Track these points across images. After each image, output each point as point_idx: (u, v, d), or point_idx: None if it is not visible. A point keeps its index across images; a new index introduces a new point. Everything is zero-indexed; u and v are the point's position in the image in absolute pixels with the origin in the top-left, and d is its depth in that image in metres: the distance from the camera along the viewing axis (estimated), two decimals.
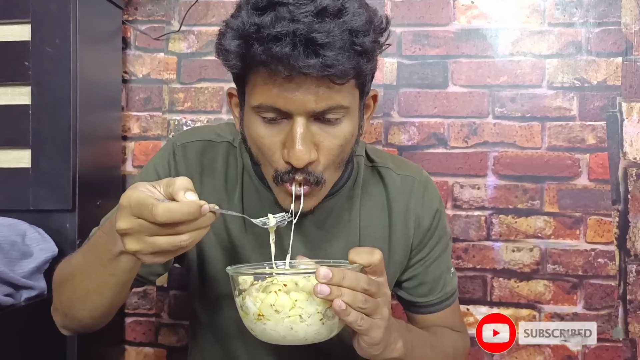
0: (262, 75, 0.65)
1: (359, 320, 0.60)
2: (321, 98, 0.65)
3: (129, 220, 0.56)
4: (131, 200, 0.55)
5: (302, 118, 0.66)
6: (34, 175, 1.11)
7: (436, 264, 0.88)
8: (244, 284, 0.63)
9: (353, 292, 0.59)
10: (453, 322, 0.91)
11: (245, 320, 0.63)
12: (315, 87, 0.64)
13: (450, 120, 1.30)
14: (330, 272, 0.58)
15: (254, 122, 0.69)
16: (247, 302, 0.61)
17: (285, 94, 0.64)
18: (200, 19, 1.35)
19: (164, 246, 0.56)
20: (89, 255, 0.69)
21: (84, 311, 0.73)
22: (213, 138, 0.85)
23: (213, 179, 0.83)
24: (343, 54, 0.62)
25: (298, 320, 0.59)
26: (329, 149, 0.69)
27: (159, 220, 0.54)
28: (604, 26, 1.25)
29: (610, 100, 1.25)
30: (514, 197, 1.27)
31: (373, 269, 0.63)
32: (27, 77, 1.11)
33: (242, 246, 0.83)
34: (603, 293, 1.25)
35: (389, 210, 0.86)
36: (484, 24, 1.29)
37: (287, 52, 0.60)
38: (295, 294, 0.60)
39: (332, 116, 0.67)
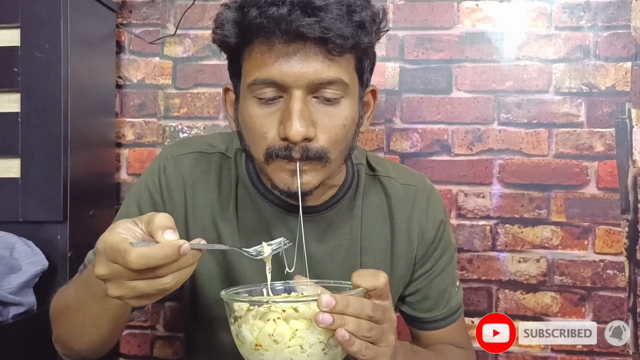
0: (258, 47, 0.64)
1: (364, 349, 0.56)
2: (320, 69, 0.63)
3: (105, 265, 0.52)
4: (106, 245, 0.52)
5: (299, 92, 0.64)
6: (24, 185, 1.07)
7: (441, 277, 0.85)
8: (239, 310, 0.59)
9: (357, 320, 0.55)
10: (459, 339, 0.87)
11: (242, 349, 0.59)
12: (313, 55, 0.63)
13: (455, 127, 1.26)
14: (333, 299, 0.54)
15: (249, 104, 0.67)
16: (243, 331, 0.57)
17: (282, 63, 0.63)
18: (197, 22, 1.31)
19: (145, 290, 0.52)
20: (82, 290, 0.67)
21: (82, 344, 0.72)
22: (205, 149, 0.82)
23: (206, 191, 0.79)
24: (341, 19, 0.62)
25: (299, 351, 0.55)
26: (329, 127, 0.66)
27: (132, 268, 0.50)
28: (613, 30, 1.22)
29: (619, 106, 1.21)
30: (520, 206, 1.24)
31: (378, 292, 0.59)
32: (16, 83, 1.07)
33: (237, 261, 0.79)
34: (612, 305, 1.21)
35: (391, 222, 0.82)
36: (489, 28, 1.25)
37: (284, 14, 0.60)
38: (295, 323, 0.56)
39: (331, 92, 0.66)
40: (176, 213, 0.78)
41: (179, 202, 0.79)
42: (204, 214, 0.79)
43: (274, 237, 0.78)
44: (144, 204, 0.79)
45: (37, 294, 1.03)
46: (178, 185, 0.79)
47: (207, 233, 0.79)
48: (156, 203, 0.79)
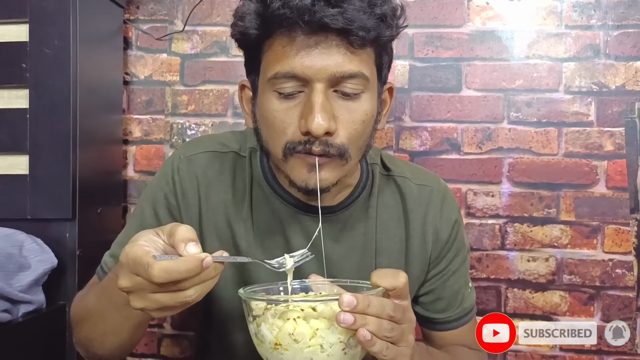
0: (279, 40, 0.64)
1: (385, 349, 0.55)
2: (341, 62, 0.63)
3: (128, 278, 0.53)
4: (129, 258, 0.52)
5: (321, 84, 0.64)
6: (32, 183, 1.06)
7: (454, 278, 0.85)
8: (257, 309, 0.58)
9: (378, 320, 0.55)
10: (471, 340, 0.87)
11: (260, 349, 0.58)
12: (335, 47, 0.63)
13: (464, 125, 1.25)
14: (354, 299, 0.53)
15: (269, 98, 0.67)
16: (262, 330, 0.57)
17: (304, 56, 0.63)
18: (205, 19, 1.30)
19: (167, 303, 0.52)
20: (103, 298, 0.67)
21: (103, 350, 0.72)
22: (219, 149, 0.81)
23: (220, 192, 0.79)
24: (364, 11, 0.62)
25: (319, 351, 0.55)
26: (349, 123, 0.66)
27: (155, 281, 0.50)
28: (623, 29, 1.21)
29: (629, 105, 1.21)
30: (530, 205, 1.24)
31: (397, 292, 0.58)
32: (24, 79, 1.06)
33: (251, 255, 0.78)
34: (621, 304, 1.21)
35: (406, 222, 0.82)
36: (499, 26, 1.25)
37: (308, 4, 0.60)
38: (315, 322, 0.55)
39: (352, 86, 0.65)
40: (190, 213, 0.78)
41: (193, 203, 0.78)
42: (218, 215, 0.78)
43: (289, 238, 0.78)
44: (159, 206, 0.79)
45: (46, 291, 1.02)
46: (192, 186, 0.78)
47: (221, 233, 0.78)
48: (170, 204, 0.78)
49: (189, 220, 0.78)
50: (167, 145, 1.32)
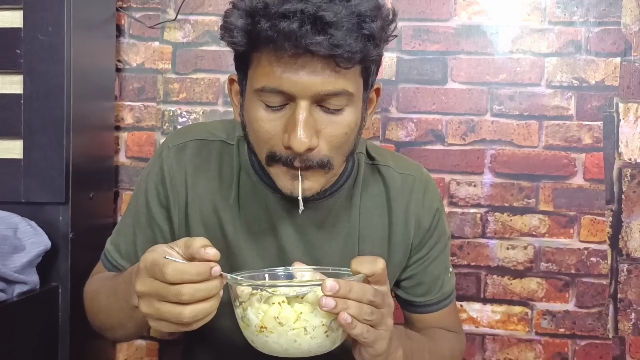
0: (266, 55, 0.64)
1: (365, 332, 0.59)
2: (327, 81, 0.64)
3: (144, 281, 0.57)
4: (147, 262, 0.57)
5: (305, 102, 0.65)
6: (26, 167, 1.08)
7: (435, 264, 0.88)
8: (242, 295, 0.60)
9: (359, 305, 0.58)
10: (450, 323, 0.91)
11: (246, 332, 0.61)
12: (321, 68, 0.63)
13: (449, 117, 1.29)
14: (337, 284, 0.56)
15: (256, 107, 0.68)
16: (248, 314, 0.59)
17: (290, 74, 0.63)
18: (197, 8, 1.32)
19: (165, 314, 0.56)
20: (112, 298, 0.72)
21: (114, 336, 0.83)
22: (206, 137, 0.83)
23: (207, 179, 0.81)
24: (351, 35, 0.61)
25: (302, 333, 0.58)
26: (332, 136, 0.68)
27: (168, 279, 0.55)
28: (604, 26, 1.25)
29: (608, 100, 1.26)
30: (510, 195, 1.28)
31: (376, 278, 0.61)
32: (18, 65, 1.07)
33: (238, 247, 0.81)
34: (594, 291, 1.26)
35: (389, 210, 0.85)
36: (485, 21, 1.28)
37: (295, 29, 0.60)
38: (299, 306, 0.58)
39: (336, 103, 0.66)
40: (178, 200, 0.81)
41: (180, 190, 0.81)
42: (205, 201, 0.81)
43: (275, 225, 0.80)
44: (150, 195, 0.82)
45: (40, 273, 1.05)
46: (180, 174, 0.81)
47: (207, 220, 0.81)
48: (160, 193, 0.81)
49: (176, 207, 0.81)
50: (158, 132, 1.34)
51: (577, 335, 1.27)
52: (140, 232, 0.83)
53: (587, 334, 1.26)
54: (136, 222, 0.83)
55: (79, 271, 1.11)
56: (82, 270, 1.12)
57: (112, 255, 0.85)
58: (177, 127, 1.33)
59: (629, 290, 1.25)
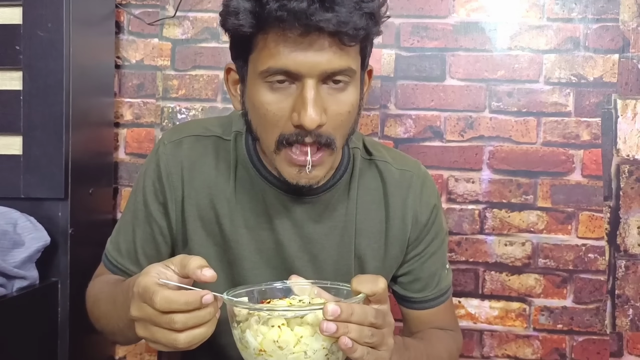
0: (273, 37, 0.65)
1: (365, 355, 0.58)
2: (332, 58, 0.66)
3: (138, 307, 0.57)
4: (140, 287, 0.57)
5: (313, 80, 0.66)
6: (25, 163, 1.09)
7: (432, 260, 0.88)
8: (240, 315, 0.59)
9: (360, 328, 0.57)
10: (446, 320, 0.91)
11: (244, 354, 0.59)
12: (327, 46, 0.65)
13: (447, 114, 1.29)
14: (338, 308, 0.55)
15: (260, 90, 0.69)
16: (247, 336, 0.58)
17: (297, 54, 0.65)
18: (196, 5, 1.33)
19: (161, 340, 0.56)
20: (111, 306, 0.73)
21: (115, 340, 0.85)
22: (201, 132, 0.84)
23: (203, 173, 0.82)
24: (355, 12, 0.64)
25: (302, 357, 0.57)
26: (337, 114, 0.69)
27: (157, 308, 0.55)
28: (602, 22, 1.26)
29: (606, 97, 1.26)
30: (508, 192, 1.28)
31: (377, 297, 0.60)
32: (18, 61, 1.08)
33: (235, 240, 0.81)
34: (592, 287, 1.27)
35: (386, 205, 0.85)
36: (483, 17, 1.28)
37: (304, 8, 0.62)
38: (299, 329, 0.57)
39: (341, 79, 0.68)
40: (174, 196, 0.81)
41: (177, 185, 0.81)
42: (201, 196, 0.81)
43: (272, 218, 0.81)
44: (148, 193, 0.82)
45: (40, 268, 1.06)
46: (176, 169, 0.81)
47: (204, 214, 0.81)
48: (157, 190, 0.82)
49: (173, 203, 0.81)
50: (157, 129, 1.35)
51: (574, 331, 1.27)
52: (139, 230, 0.83)
53: (585, 329, 1.27)
54: (135, 219, 0.84)
55: (79, 266, 1.12)
56: (82, 265, 1.13)
57: (112, 254, 0.85)
58: (176, 123, 1.34)
59: (627, 286, 1.26)
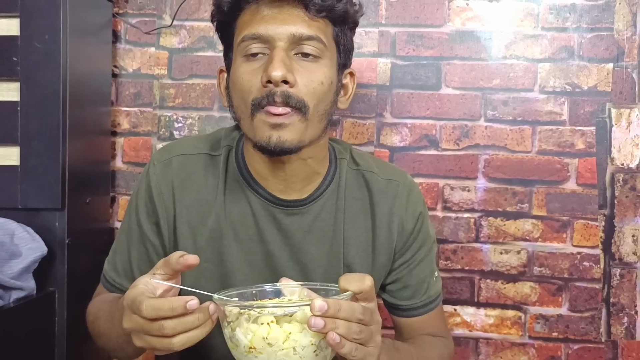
0: (249, 12, 0.76)
1: (354, 350, 0.59)
2: (301, 26, 0.74)
3: (129, 318, 0.60)
4: (128, 300, 0.60)
5: (282, 43, 0.73)
6: (23, 173, 1.10)
7: (420, 267, 0.89)
8: (231, 315, 0.60)
9: (348, 324, 0.58)
10: (437, 327, 0.92)
11: (235, 352, 0.60)
12: (296, 15, 0.74)
13: (443, 122, 1.30)
14: (325, 304, 0.56)
15: (238, 63, 0.76)
16: (237, 334, 0.59)
17: (268, 20, 0.74)
18: (192, 14, 1.33)
19: (157, 346, 0.58)
20: (109, 324, 0.75)
21: (117, 356, 0.83)
22: (190, 151, 0.86)
23: (193, 191, 0.83)
24: None
25: (292, 353, 0.58)
26: (309, 80, 0.74)
27: (145, 316, 0.57)
28: (597, 32, 1.26)
29: (600, 105, 1.27)
30: (503, 200, 1.29)
31: (364, 295, 0.61)
32: (15, 72, 1.09)
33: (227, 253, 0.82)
34: (587, 296, 1.27)
35: (372, 214, 0.86)
36: (478, 26, 1.29)
37: None
38: (288, 326, 0.58)
39: (310, 49, 0.75)
40: (166, 214, 0.83)
41: (168, 205, 0.83)
42: (192, 213, 0.83)
43: (261, 229, 0.82)
44: (140, 212, 0.84)
45: (37, 278, 1.06)
46: (167, 188, 0.83)
47: (196, 231, 0.83)
48: (149, 209, 0.83)
49: (165, 221, 0.83)
50: (154, 137, 1.35)
51: (570, 339, 1.28)
52: (134, 249, 0.85)
53: (580, 337, 1.27)
54: (129, 239, 0.85)
55: (76, 276, 1.13)
56: (79, 275, 1.14)
57: (110, 275, 0.87)
58: (173, 132, 1.35)
59: (622, 294, 1.26)
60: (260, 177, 0.82)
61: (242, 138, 0.85)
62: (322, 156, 0.84)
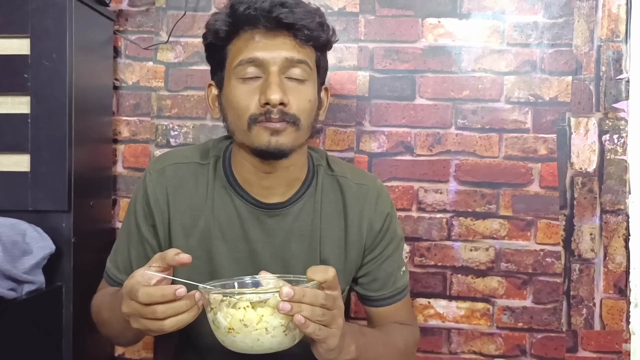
0: (244, 37, 0.84)
1: (317, 331, 0.69)
2: (292, 51, 0.83)
3: (127, 304, 0.70)
4: (127, 288, 0.70)
5: (276, 67, 0.82)
6: (33, 179, 1.20)
7: (388, 263, 0.99)
8: (214, 302, 0.69)
9: (312, 307, 0.67)
10: (404, 315, 1.01)
11: (217, 333, 0.70)
12: (289, 41, 0.83)
13: (417, 130, 1.41)
14: (292, 290, 0.66)
15: (233, 84, 0.84)
16: (218, 317, 0.68)
17: (263, 46, 0.83)
18: (187, 31, 1.45)
19: (151, 328, 0.69)
20: (111, 313, 0.85)
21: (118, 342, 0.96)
22: (181, 160, 0.96)
23: (184, 196, 0.93)
24: (308, 16, 0.84)
25: (264, 333, 0.67)
26: (299, 100, 0.84)
27: (141, 301, 0.67)
28: (557, 47, 1.38)
29: (561, 115, 1.38)
30: (473, 202, 1.40)
31: (328, 284, 0.71)
32: (26, 88, 1.19)
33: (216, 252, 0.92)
34: (550, 289, 1.39)
35: (345, 215, 0.96)
36: (449, 42, 1.40)
37: (267, 6, 0.82)
38: (261, 310, 0.67)
39: (299, 72, 0.84)
40: (162, 218, 0.93)
41: (163, 209, 0.93)
42: (185, 216, 0.93)
43: (247, 231, 0.92)
44: (139, 216, 0.94)
45: (46, 274, 1.17)
46: (162, 195, 0.93)
47: (188, 232, 0.93)
48: (146, 213, 0.93)
49: (161, 224, 0.93)
50: (152, 145, 1.46)
51: (534, 329, 1.39)
52: (133, 249, 0.95)
53: (543, 327, 1.39)
54: (129, 240, 0.95)
55: (81, 272, 1.24)
56: (84, 271, 1.25)
57: (111, 271, 0.97)
58: (170, 140, 1.46)
59: (581, 287, 1.38)
60: (246, 183, 0.92)
61: (228, 148, 0.95)
62: (302, 163, 0.94)
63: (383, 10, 1.41)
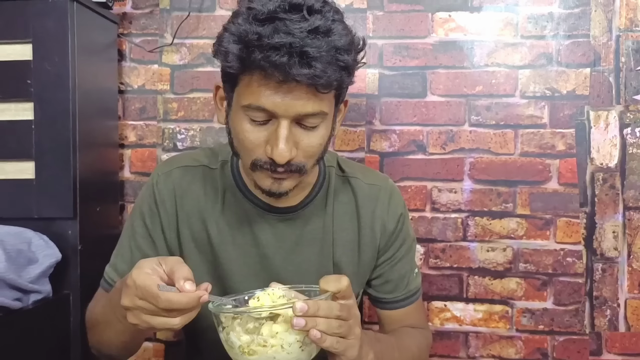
0: (256, 78, 0.73)
1: (335, 344, 0.67)
2: (306, 104, 0.73)
3: (131, 299, 0.65)
4: (136, 284, 0.65)
5: (286, 120, 0.74)
6: (38, 186, 1.18)
7: (401, 264, 0.97)
8: (225, 320, 0.67)
9: (327, 320, 0.65)
10: (416, 318, 0.99)
11: (231, 353, 0.67)
12: (304, 93, 0.72)
13: (429, 128, 1.37)
14: (305, 305, 0.64)
15: (241, 119, 0.77)
16: (231, 337, 0.66)
17: (275, 97, 0.72)
18: (192, 32, 1.42)
19: (157, 326, 0.66)
20: (108, 309, 0.80)
21: (111, 350, 0.86)
22: (190, 163, 0.93)
23: (193, 199, 0.91)
24: (330, 67, 0.71)
25: (280, 350, 0.65)
26: (308, 147, 0.77)
27: (160, 307, 0.64)
28: (574, 39, 1.33)
29: (579, 109, 1.33)
30: (489, 200, 1.36)
31: (342, 294, 0.68)
32: (29, 94, 1.18)
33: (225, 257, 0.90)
34: (571, 290, 1.33)
35: (357, 216, 0.94)
36: (461, 37, 1.36)
37: (284, 61, 0.69)
38: (275, 326, 0.65)
39: (312, 121, 0.76)
40: (169, 220, 0.90)
41: (171, 212, 0.91)
42: (193, 219, 0.91)
43: (256, 234, 0.89)
44: (146, 217, 0.91)
45: (52, 282, 1.15)
46: (170, 197, 0.91)
47: (197, 236, 0.91)
48: (154, 214, 0.91)
49: (169, 225, 0.90)
50: (159, 149, 1.44)
51: (555, 332, 1.34)
52: (137, 251, 0.92)
53: (565, 330, 1.34)
54: (133, 242, 0.92)
55: (88, 279, 1.22)
56: (91, 278, 1.21)
57: (110, 276, 0.93)
58: (177, 143, 1.44)
59: (604, 287, 1.32)
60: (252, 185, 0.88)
61: None
62: (312, 171, 0.89)
63: (391, 6, 1.37)
